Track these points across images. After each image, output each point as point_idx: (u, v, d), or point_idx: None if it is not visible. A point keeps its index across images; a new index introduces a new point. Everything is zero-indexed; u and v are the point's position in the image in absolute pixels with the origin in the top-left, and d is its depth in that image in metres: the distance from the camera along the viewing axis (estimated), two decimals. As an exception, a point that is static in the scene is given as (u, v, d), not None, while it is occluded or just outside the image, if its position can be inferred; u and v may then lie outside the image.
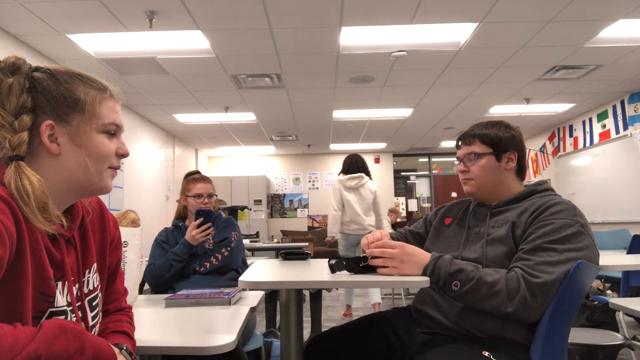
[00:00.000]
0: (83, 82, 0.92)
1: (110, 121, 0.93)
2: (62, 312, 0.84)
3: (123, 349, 0.94)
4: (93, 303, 0.95)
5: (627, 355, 2.91)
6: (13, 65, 0.86)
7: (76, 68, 0.95)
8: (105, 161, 0.92)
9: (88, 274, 0.95)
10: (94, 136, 0.90)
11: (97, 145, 0.90)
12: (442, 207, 1.70)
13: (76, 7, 3.47)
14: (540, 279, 1.20)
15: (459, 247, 1.47)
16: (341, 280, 1.30)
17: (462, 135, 1.58)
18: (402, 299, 5.34)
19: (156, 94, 5.78)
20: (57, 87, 0.88)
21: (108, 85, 0.96)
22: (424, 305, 1.47)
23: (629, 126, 6.10)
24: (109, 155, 0.93)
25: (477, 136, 1.52)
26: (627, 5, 3.62)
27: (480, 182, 1.49)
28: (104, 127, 0.92)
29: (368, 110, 6.79)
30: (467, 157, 1.53)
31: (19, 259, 0.76)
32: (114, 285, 1.07)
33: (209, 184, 2.39)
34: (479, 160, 1.49)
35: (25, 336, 0.68)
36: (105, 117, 0.92)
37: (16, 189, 0.79)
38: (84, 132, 0.89)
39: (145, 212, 6.68)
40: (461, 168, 1.54)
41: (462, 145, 1.56)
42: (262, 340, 2.21)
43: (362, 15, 3.71)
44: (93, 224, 1.00)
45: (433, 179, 10.85)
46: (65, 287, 0.87)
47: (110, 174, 0.94)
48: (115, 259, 1.07)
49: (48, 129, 0.86)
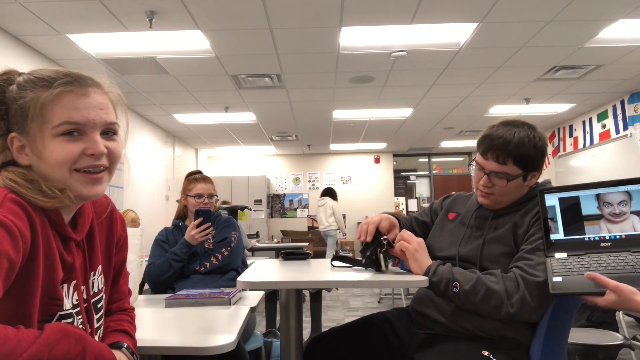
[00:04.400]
0: (36, 84, 0.84)
1: (61, 121, 0.82)
2: (69, 315, 0.85)
3: (124, 347, 0.94)
4: (98, 305, 0.96)
5: (627, 355, 2.91)
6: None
7: (50, 67, 0.88)
8: (63, 166, 0.83)
9: (93, 276, 0.95)
10: (47, 143, 0.82)
11: (50, 152, 0.82)
12: (448, 197, 1.69)
13: (76, 7, 3.47)
14: (541, 278, 1.20)
15: (457, 244, 1.47)
16: (341, 280, 1.30)
17: (495, 147, 1.38)
18: (402, 299, 5.34)
19: (156, 94, 5.78)
20: (16, 97, 0.83)
21: (71, 77, 0.85)
22: (422, 306, 1.47)
23: (629, 126, 6.10)
24: (68, 160, 0.83)
25: (512, 157, 1.36)
26: (627, 5, 3.61)
27: (500, 199, 1.43)
28: (55, 130, 0.82)
29: (368, 110, 6.78)
30: (495, 175, 1.39)
31: (31, 262, 0.76)
32: (117, 285, 1.07)
33: (209, 184, 2.39)
34: (508, 181, 1.38)
35: (28, 339, 0.69)
36: (55, 117, 0.82)
37: (12, 175, 0.81)
38: (39, 141, 0.82)
39: (145, 212, 6.68)
40: (485, 182, 1.42)
41: (491, 159, 1.39)
42: (262, 340, 2.21)
43: (362, 15, 3.71)
44: (101, 225, 1.00)
45: (433, 179, 10.85)
46: (72, 289, 0.88)
47: (79, 178, 0.84)
48: (121, 259, 1.07)
49: (15, 140, 0.84)
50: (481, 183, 1.43)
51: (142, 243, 1.69)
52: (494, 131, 1.40)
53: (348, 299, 5.91)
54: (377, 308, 5.28)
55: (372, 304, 5.56)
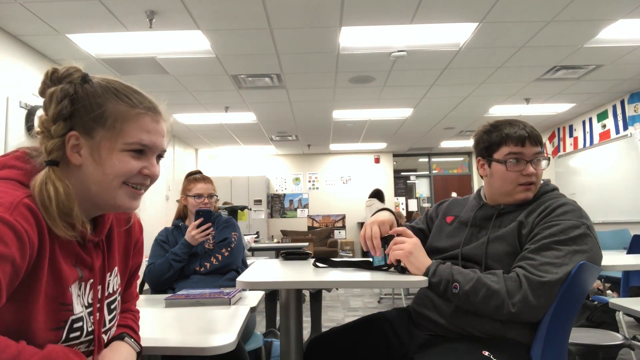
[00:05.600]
0: (117, 97, 0.89)
1: (135, 140, 0.89)
2: (80, 319, 0.86)
3: (125, 337, 0.97)
4: (112, 306, 0.97)
5: (627, 355, 2.91)
6: (63, 75, 0.88)
7: (126, 82, 0.93)
8: (120, 178, 0.88)
9: (109, 276, 0.96)
10: (114, 154, 0.88)
11: (116, 162, 0.87)
12: (443, 202, 1.69)
13: (76, 7, 3.47)
14: (545, 278, 1.20)
15: (460, 244, 1.46)
16: (341, 280, 1.30)
17: (530, 133, 1.41)
18: (402, 299, 5.34)
19: (156, 94, 5.73)
20: (89, 99, 0.87)
21: (151, 102, 0.94)
22: (422, 307, 1.47)
23: (629, 126, 6.10)
24: (127, 174, 0.89)
25: (540, 138, 1.43)
26: (627, 5, 3.61)
27: (537, 187, 1.44)
28: (127, 145, 0.88)
29: (368, 110, 6.78)
30: (537, 159, 1.42)
31: (35, 269, 0.77)
32: (130, 288, 1.10)
33: (209, 184, 2.39)
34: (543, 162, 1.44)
35: (29, 352, 0.70)
36: (130, 135, 0.89)
37: (39, 192, 0.80)
38: (104, 148, 0.87)
39: (145, 212, 6.66)
40: (532, 170, 1.40)
41: (528, 144, 1.41)
42: (262, 340, 2.21)
43: (362, 15, 3.71)
44: (119, 227, 1.02)
45: (433, 179, 10.85)
46: (88, 289, 0.89)
47: (126, 191, 0.90)
48: (137, 262, 1.09)
49: (72, 139, 0.86)
50: (528, 172, 1.40)
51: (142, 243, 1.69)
52: (506, 125, 1.45)
53: (348, 299, 5.91)
54: (377, 308, 5.28)
55: (372, 304, 5.56)
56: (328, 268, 1.51)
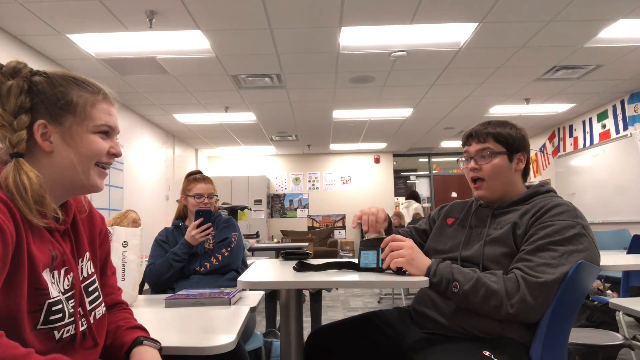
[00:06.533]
0: (77, 85, 0.96)
1: (102, 122, 0.97)
2: (58, 302, 0.88)
3: (144, 341, 1.00)
4: (90, 289, 0.99)
5: (627, 355, 2.91)
6: (14, 69, 0.92)
7: (73, 72, 0.99)
8: (94, 158, 0.96)
9: (81, 262, 1.00)
10: (85, 136, 0.95)
11: (88, 144, 0.95)
12: (445, 205, 1.70)
13: (76, 7, 3.47)
14: (542, 279, 1.20)
15: (459, 246, 1.47)
16: (342, 280, 1.30)
17: (474, 132, 1.50)
18: (402, 299, 5.34)
19: (156, 94, 5.78)
20: (51, 90, 0.93)
21: (103, 87, 1.00)
22: (422, 306, 1.47)
23: (629, 126, 6.10)
24: (99, 154, 0.96)
25: (491, 135, 1.46)
26: (627, 5, 3.61)
27: (491, 183, 1.46)
28: (95, 128, 0.96)
29: (368, 110, 6.78)
30: (479, 155, 1.47)
31: (17, 256, 0.80)
32: (106, 278, 1.12)
33: (209, 184, 2.39)
34: (493, 158, 1.45)
35: None
36: (97, 118, 0.96)
37: (14, 183, 0.84)
38: (76, 133, 0.94)
39: (145, 212, 6.67)
40: (472, 165, 1.48)
41: (473, 143, 1.49)
42: (262, 340, 2.21)
43: (362, 15, 3.71)
44: (82, 219, 1.06)
45: (433, 179, 10.85)
46: (62, 275, 0.92)
47: (97, 172, 0.98)
48: (105, 251, 1.12)
49: (41, 127, 0.91)
50: (469, 168, 1.49)
51: (142, 243, 1.69)
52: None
53: (348, 299, 5.91)
54: (377, 308, 5.26)
55: (372, 304, 5.56)
56: (327, 268, 1.50)
